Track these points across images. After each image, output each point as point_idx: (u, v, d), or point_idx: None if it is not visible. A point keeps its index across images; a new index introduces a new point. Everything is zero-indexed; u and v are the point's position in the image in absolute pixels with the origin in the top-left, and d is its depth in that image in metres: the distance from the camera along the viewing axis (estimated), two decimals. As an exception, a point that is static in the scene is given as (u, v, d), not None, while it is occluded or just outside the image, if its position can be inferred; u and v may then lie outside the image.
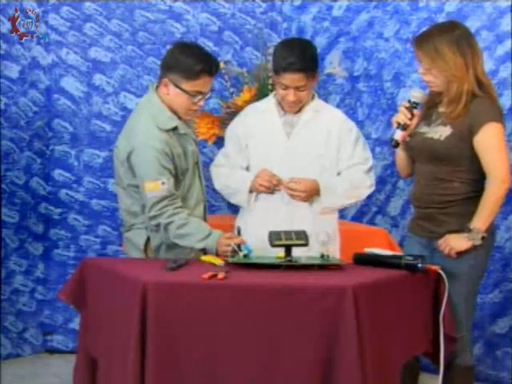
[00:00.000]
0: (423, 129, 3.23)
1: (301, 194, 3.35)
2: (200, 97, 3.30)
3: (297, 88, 3.32)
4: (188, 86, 3.27)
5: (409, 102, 3.22)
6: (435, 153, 3.16)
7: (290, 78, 3.31)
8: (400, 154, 3.36)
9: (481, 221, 3.11)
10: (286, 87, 3.33)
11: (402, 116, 3.21)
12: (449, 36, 3.13)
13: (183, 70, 3.26)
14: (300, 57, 3.29)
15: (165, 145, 3.25)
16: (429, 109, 3.27)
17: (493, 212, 3.14)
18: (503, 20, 4.24)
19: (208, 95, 3.37)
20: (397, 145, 3.25)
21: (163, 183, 3.22)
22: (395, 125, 3.23)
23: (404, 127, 3.21)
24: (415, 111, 3.21)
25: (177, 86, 3.27)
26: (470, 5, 4.33)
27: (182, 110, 3.32)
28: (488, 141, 3.10)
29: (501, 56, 4.24)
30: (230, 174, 3.50)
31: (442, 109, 3.22)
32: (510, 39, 4.20)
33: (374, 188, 3.53)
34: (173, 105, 3.31)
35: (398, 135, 3.22)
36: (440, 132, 3.16)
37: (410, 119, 3.20)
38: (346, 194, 3.44)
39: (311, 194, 3.37)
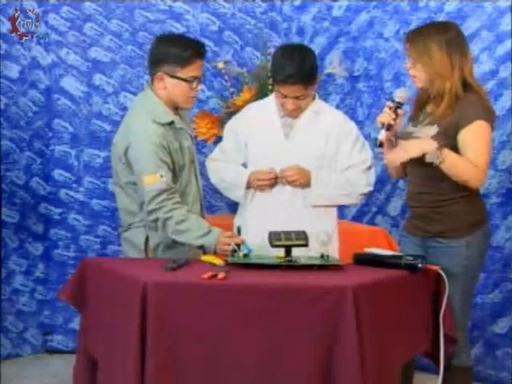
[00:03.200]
0: (410, 129, 3.23)
1: (294, 176, 3.36)
2: (196, 82, 3.33)
3: (296, 97, 3.33)
4: (184, 73, 3.29)
5: (393, 101, 3.17)
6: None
7: (288, 90, 3.31)
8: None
9: (451, 157, 3.04)
10: (286, 96, 3.34)
11: (386, 116, 3.16)
12: (441, 35, 3.13)
13: (176, 59, 3.28)
14: (298, 69, 3.27)
15: (162, 139, 3.26)
16: (418, 109, 3.28)
17: (456, 172, 3.06)
18: (503, 20, 4.24)
19: (202, 80, 3.40)
20: (381, 145, 3.19)
21: (161, 176, 3.23)
22: (379, 125, 3.18)
23: (388, 127, 3.16)
24: (399, 111, 3.16)
25: (173, 76, 3.29)
26: (470, 5, 4.33)
27: (183, 98, 3.34)
28: (474, 138, 3.08)
29: (501, 56, 4.24)
30: (226, 168, 3.51)
31: (429, 108, 3.22)
32: (510, 39, 4.20)
33: (371, 188, 3.51)
34: (171, 96, 3.33)
35: (382, 135, 3.16)
36: (426, 132, 3.15)
37: (394, 119, 3.16)
38: (338, 184, 3.42)
39: (305, 177, 3.37)
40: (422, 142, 3.09)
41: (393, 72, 4.63)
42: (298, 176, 3.37)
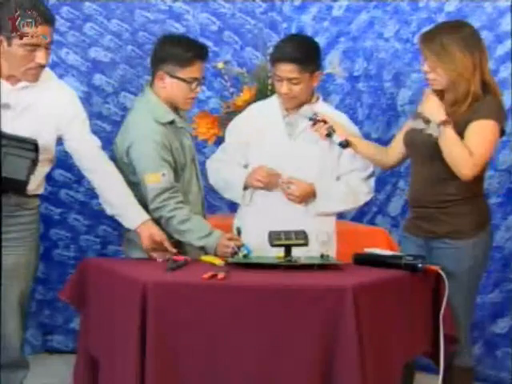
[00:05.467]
0: (421, 125, 3.21)
1: (295, 199, 3.36)
2: (196, 83, 3.33)
3: (289, 80, 3.31)
4: (183, 73, 3.31)
5: (311, 119, 3.35)
6: (434, 150, 3.13)
7: (281, 69, 3.31)
8: (366, 153, 3.40)
9: (452, 135, 3.05)
10: (280, 78, 3.33)
11: (321, 129, 3.34)
12: (457, 35, 3.10)
13: (177, 59, 3.30)
14: (295, 48, 3.31)
15: (163, 137, 3.28)
16: None
17: (450, 152, 3.06)
18: (503, 20, 4.25)
19: (202, 82, 3.41)
20: (346, 145, 3.33)
21: (164, 175, 3.24)
22: (325, 138, 3.35)
23: (332, 132, 3.32)
24: (318, 118, 3.34)
25: (173, 75, 3.31)
26: (470, 5, 4.33)
27: (181, 99, 3.35)
28: (479, 134, 3.06)
29: (501, 56, 4.24)
30: (224, 169, 3.50)
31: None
32: (510, 39, 4.21)
33: (372, 195, 3.54)
34: (171, 96, 3.34)
35: (337, 138, 3.33)
36: (439, 129, 3.14)
37: (325, 122, 3.33)
38: (343, 199, 3.43)
39: (306, 197, 3.37)
40: (439, 111, 3.10)
41: (393, 72, 4.63)
42: (300, 193, 3.35)
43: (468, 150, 3.04)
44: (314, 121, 3.33)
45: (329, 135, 3.31)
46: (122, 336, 2.75)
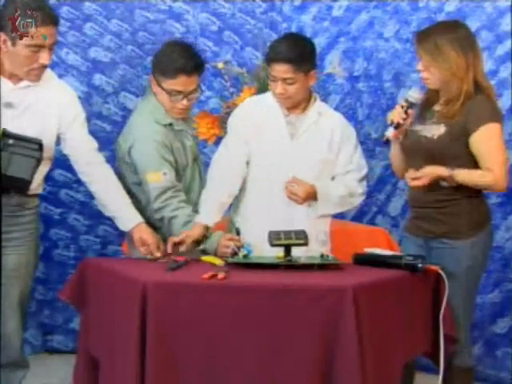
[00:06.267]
0: (417, 127, 3.22)
1: (298, 200, 3.34)
2: (180, 96, 3.31)
3: (284, 80, 3.29)
4: (166, 84, 3.31)
5: (406, 101, 3.21)
6: (429, 152, 3.14)
7: (276, 69, 3.29)
8: (396, 155, 3.35)
9: (463, 175, 3.07)
10: (275, 79, 3.31)
11: (396, 114, 3.20)
12: (451, 35, 3.12)
13: (162, 68, 3.32)
14: (289, 48, 3.28)
15: (164, 137, 3.30)
16: (425, 107, 3.27)
17: (476, 185, 3.11)
18: (503, 20, 4.25)
19: (196, 95, 3.38)
20: (387, 142, 3.25)
21: (165, 173, 3.25)
22: (389, 122, 3.22)
23: (397, 126, 3.20)
24: (410, 111, 3.20)
25: (158, 83, 3.31)
26: (470, 5, 4.34)
27: (166, 107, 3.36)
28: (487, 142, 3.08)
29: (501, 56, 4.24)
30: (213, 185, 3.37)
31: (437, 107, 3.21)
32: (510, 39, 4.21)
33: (364, 197, 3.53)
34: (159, 102, 3.33)
35: (390, 133, 3.21)
36: (433, 131, 3.15)
37: (404, 119, 3.19)
38: (341, 201, 3.42)
39: (308, 198, 3.35)
40: (437, 169, 3.10)
41: (393, 72, 4.64)
42: (302, 194, 3.32)
43: (486, 169, 3.07)
44: (406, 107, 3.19)
45: (391, 123, 3.21)
46: (122, 336, 2.75)
